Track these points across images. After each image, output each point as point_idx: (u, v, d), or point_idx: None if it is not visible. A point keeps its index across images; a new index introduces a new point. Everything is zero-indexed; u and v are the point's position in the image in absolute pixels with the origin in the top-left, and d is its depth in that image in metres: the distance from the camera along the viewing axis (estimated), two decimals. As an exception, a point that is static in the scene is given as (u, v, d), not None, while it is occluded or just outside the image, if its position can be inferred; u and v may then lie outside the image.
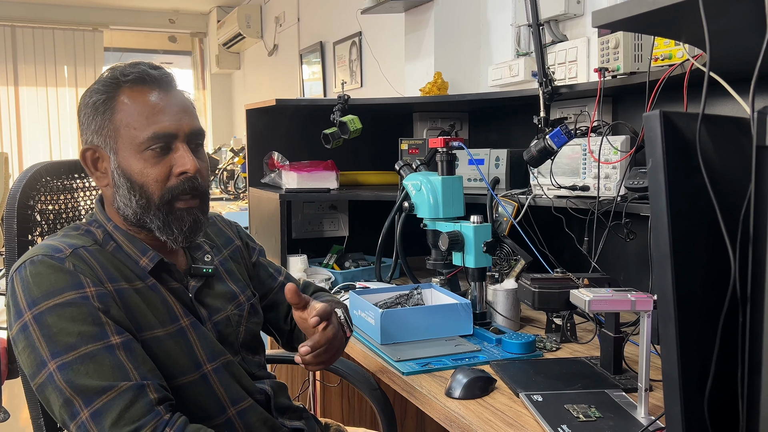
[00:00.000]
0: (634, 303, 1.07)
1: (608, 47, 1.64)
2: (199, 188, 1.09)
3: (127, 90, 1.06)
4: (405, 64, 3.09)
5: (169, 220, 1.07)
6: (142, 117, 1.05)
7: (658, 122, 0.60)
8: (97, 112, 1.06)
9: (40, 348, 0.94)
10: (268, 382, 1.19)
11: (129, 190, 1.06)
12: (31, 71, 7.27)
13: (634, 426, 1.03)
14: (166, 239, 1.09)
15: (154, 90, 1.07)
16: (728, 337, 0.61)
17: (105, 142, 1.07)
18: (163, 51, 8.10)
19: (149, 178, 1.05)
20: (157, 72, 1.09)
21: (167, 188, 1.06)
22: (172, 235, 1.08)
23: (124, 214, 1.08)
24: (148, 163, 1.05)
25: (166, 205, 1.07)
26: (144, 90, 1.06)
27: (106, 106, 1.06)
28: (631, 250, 1.81)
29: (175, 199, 1.07)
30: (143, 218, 1.07)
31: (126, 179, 1.06)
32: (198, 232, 1.12)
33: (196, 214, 1.10)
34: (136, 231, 1.11)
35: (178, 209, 1.08)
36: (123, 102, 1.05)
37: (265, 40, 6.03)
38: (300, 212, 2.43)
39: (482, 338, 1.51)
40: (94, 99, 1.07)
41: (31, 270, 0.98)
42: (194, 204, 1.10)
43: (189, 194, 1.08)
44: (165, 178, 1.06)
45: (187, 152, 1.07)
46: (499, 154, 2.04)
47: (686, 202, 0.60)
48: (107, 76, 1.08)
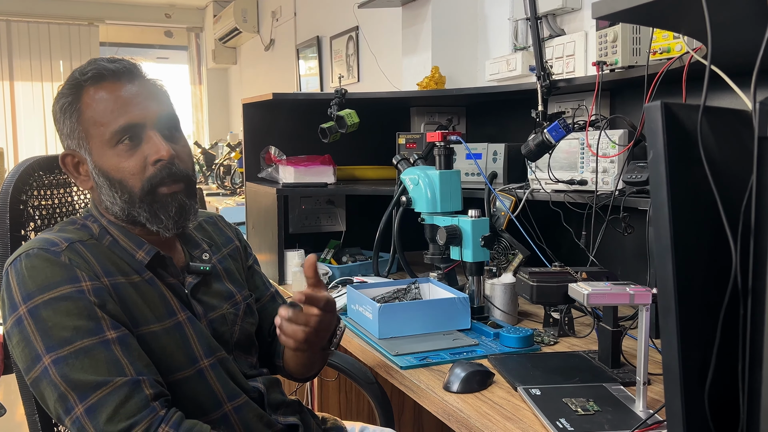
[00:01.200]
0: (633, 296, 1.07)
1: (606, 41, 1.63)
2: (178, 173, 1.07)
3: (89, 88, 1.05)
4: (402, 59, 3.08)
5: (155, 208, 1.06)
6: (107, 112, 1.03)
7: (660, 113, 0.59)
8: (65, 116, 1.06)
9: (35, 342, 0.93)
10: (261, 379, 1.19)
11: (110, 188, 1.05)
12: (26, 66, 7.23)
13: (633, 419, 1.03)
14: (157, 228, 1.07)
15: (115, 83, 1.05)
16: (729, 330, 0.61)
17: (79, 144, 1.06)
18: (159, 46, 8.07)
19: (126, 172, 1.04)
20: (115, 65, 1.07)
21: (146, 178, 1.05)
22: (162, 223, 1.07)
23: (113, 212, 1.08)
24: (121, 157, 1.04)
25: (149, 195, 1.05)
26: (105, 85, 1.05)
27: (72, 109, 1.05)
28: (628, 244, 1.81)
29: (156, 186, 1.06)
30: (131, 212, 1.06)
31: (105, 178, 1.05)
32: (186, 216, 1.10)
33: (180, 198, 1.08)
34: (130, 226, 1.10)
35: (162, 195, 1.06)
36: (87, 101, 1.05)
37: (261, 35, 6.01)
38: (297, 207, 2.42)
39: (480, 332, 1.51)
40: (62, 103, 1.06)
41: (27, 263, 0.97)
42: (178, 188, 1.08)
43: (170, 179, 1.06)
44: (142, 169, 1.05)
45: (158, 139, 1.05)
46: (496, 149, 2.04)
47: (687, 193, 0.60)
48: (69, 78, 1.07)
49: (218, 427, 0.99)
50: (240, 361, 1.18)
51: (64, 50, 7.34)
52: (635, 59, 1.60)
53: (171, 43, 8.09)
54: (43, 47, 7.27)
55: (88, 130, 1.05)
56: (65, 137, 1.08)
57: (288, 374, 1.31)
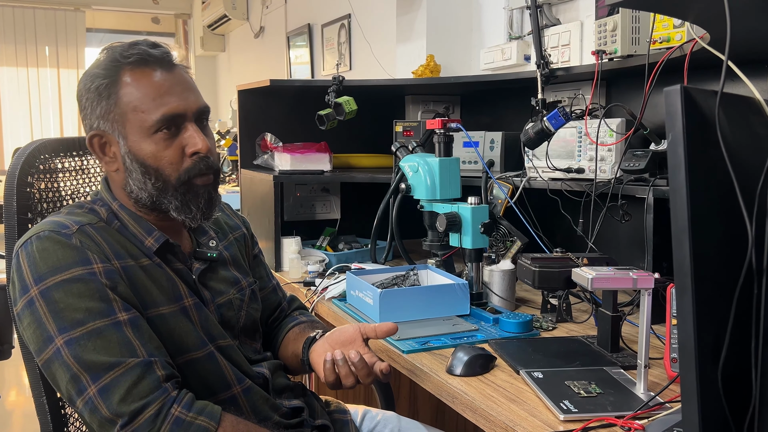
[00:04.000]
0: (636, 281, 1.08)
1: (606, 30, 1.64)
2: (212, 166, 1.10)
3: (129, 72, 1.04)
4: (396, 47, 3.08)
5: (187, 199, 1.08)
6: (149, 99, 1.03)
7: (679, 97, 0.60)
8: (101, 97, 1.04)
9: (47, 323, 0.93)
10: (266, 364, 1.20)
11: (143, 174, 1.05)
12: (11, 51, 7.14)
13: (634, 401, 1.05)
14: (184, 218, 1.09)
15: (156, 70, 1.05)
16: (743, 309, 0.62)
17: (112, 127, 1.05)
18: (146, 32, 7.99)
19: (164, 161, 1.05)
20: (158, 51, 1.07)
21: (183, 169, 1.06)
22: (190, 214, 1.09)
23: (138, 197, 1.08)
24: (159, 145, 1.04)
25: (184, 185, 1.07)
26: (147, 71, 1.04)
27: (110, 90, 1.04)
28: (623, 232, 1.84)
29: (191, 179, 1.07)
30: (159, 200, 1.07)
31: (139, 164, 1.05)
32: (213, 208, 1.12)
33: (210, 190, 1.11)
34: (145, 212, 1.10)
35: (196, 186, 1.08)
36: (127, 85, 1.04)
37: (251, 22, 5.97)
38: (292, 195, 2.42)
39: (479, 318, 1.53)
40: (96, 84, 1.05)
41: (38, 245, 0.97)
42: (209, 181, 1.10)
43: (205, 172, 1.08)
44: (179, 160, 1.06)
45: (197, 131, 1.07)
46: (493, 137, 2.05)
47: (704, 175, 0.61)
48: (106, 59, 1.05)
49: (228, 408, 1.00)
50: (245, 346, 1.20)
51: (49, 36, 7.26)
52: (634, 48, 1.62)
53: (158, 29, 8.02)
54: (28, 32, 7.18)
55: (125, 114, 1.04)
56: (96, 118, 1.06)
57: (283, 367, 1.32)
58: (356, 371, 1.13)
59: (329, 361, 1.13)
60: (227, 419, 0.96)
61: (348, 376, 1.13)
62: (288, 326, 1.34)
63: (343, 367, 1.13)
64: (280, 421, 1.14)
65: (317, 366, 1.19)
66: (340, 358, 1.13)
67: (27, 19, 7.15)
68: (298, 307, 1.44)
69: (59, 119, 7.55)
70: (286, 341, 1.32)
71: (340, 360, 1.13)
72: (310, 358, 1.22)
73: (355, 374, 1.13)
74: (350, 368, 1.13)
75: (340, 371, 1.13)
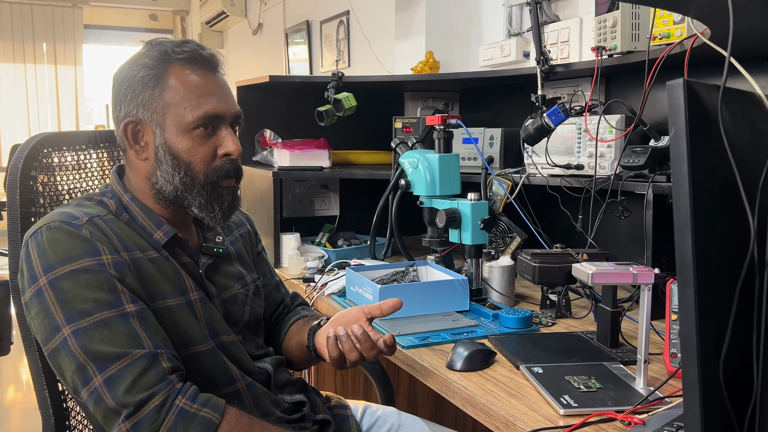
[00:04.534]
0: (636, 276, 1.09)
1: (606, 26, 1.65)
2: (239, 169, 1.13)
3: (178, 67, 1.07)
4: (395, 43, 3.08)
5: (212, 198, 1.10)
6: (194, 96, 1.06)
7: (682, 91, 0.61)
8: (146, 87, 1.07)
9: (55, 313, 0.94)
10: (268, 359, 1.20)
11: (174, 167, 1.07)
12: (8, 48, 7.12)
13: (634, 395, 1.06)
14: (206, 216, 1.11)
15: (204, 70, 1.09)
16: (744, 302, 0.63)
17: (151, 117, 1.07)
18: (143, 29, 7.97)
19: (197, 157, 1.08)
20: (207, 53, 1.11)
21: (212, 168, 1.09)
22: (212, 213, 1.11)
23: (162, 189, 1.09)
24: (195, 142, 1.07)
25: (210, 185, 1.10)
26: (195, 70, 1.08)
27: (156, 82, 1.06)
28: (622, 228, 1.84)
29: (219, 179, 1.10)
30: (184, 194, 1.09)
31: (172, 156, 1.07)
32: (235, 210, 1.15)
33: (234, 193, 1.14)
34: (163, 205, 1.12)
35: (221, 188, 1.11)
36: (174, 79, 1.07)
37: (249, 19, 5.96)
38: (291, 191, 2.42)
39: (479, 314, 1.53)
40: (143, 73, 1.07)
41: (48, 235, 0.98)
42: (233, 184, 1.13)
43: (231, 174, 1.11)
44: (211, 158, 1.09)
45: (231, 135, 1.10)
46: (493, 133, 2.05)
47: (707, 169, 0.62)
48: (156, 51, 1.08)
49: (232, 402, 1.00)
50: (248, 342, 1.20)
51: (47, 32, 7.24)
52: (634, 45, 1.62)
53: (156, 26, 8.00)
54: (26, 29, 7.16)
55: (167, 107, 1.06)
56: (136, 106, 1.08)
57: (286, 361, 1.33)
58: (360, 345, 1.12)
59: (332, 337, 1.14)
60: (231, 412, 0.96)
61: (352, 350, 1.13)
62: (291, 320, 1.34)
63: (347, 342, 1.12)
64: (282, 416, 1.14)
65: (322, 348, 1.19)
66: (342, 333, 1.13)
67: (24, 15, 7.13)
68: (301, 303, 1.44)
69: (57, 116, 7.54)
70: (290, 334, 1.32)
71: (343, 335, 1.13)
72: (315, 342, 1.23)
73: (358, 349, 1.13)
74: (354, 343, 1.12)
75: (344, 346, 1.13)
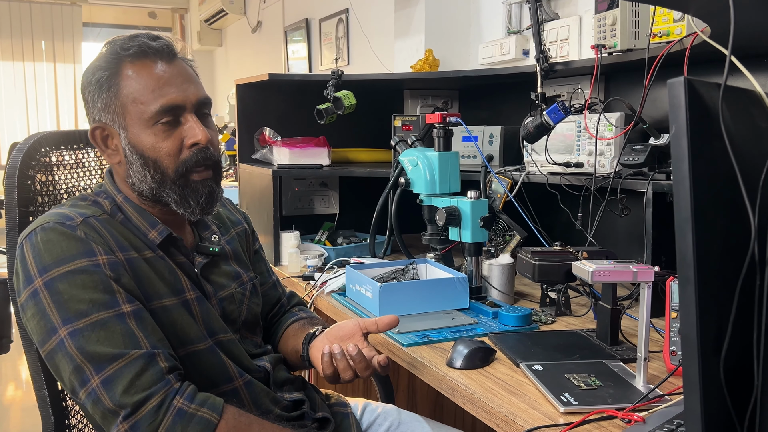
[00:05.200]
0: (636, 274, 1.09)
1: (605, 24, 1.64)
2: (211, 158, 1.09)
3: (129, 64, 1.05)
4: (395, 41, 3.07)
5: (186, 193, 1.08)
6: (148, 90, 1.04)
7: (683, 89, 0.61)
8: (102, 90, 1.05)
9: (51, 314, 0.93)
10: (267, 358, 1.20)
11: (143, 166, 1.05)
12: (7, 46, 7.11)
13: (634, 393, 1.06)
14: (183, 212, 1.09)
15: (156, 62, 1.06)
16: (745, 300, 0.63)
17: (113, 119, 1.06)
18: (142, 27, 7.96)
19: (162, 153, 1.05)
20: (158, 43, 1.07)
21: (181, 161, 1.06)
22: (189, 208, 1.09)
23: (139, 190, 1.08)
24: (158, 137, 1.05)
25: (182, 179, 1.07)
26: (146, 63, 1.05)
27: (110, 83, 1.05)
28: (621, 226, 1.84)
29: (189, 171, 1.07)
30: (159, 192, 1.07)
31: (138, 155, 1.05)
32: (214, 203, 1.12)
33: (210, 185, 1.10)
34: (149, 205, 1.10)
35: (194, 181, 1.08)
36: (127, 77, 1.04)
37: (248, 17, 5.95)
38: (290, 189, 2.42)
39: (479, 312, 1.53)
40: (98, 76, 1.05)
41: (43, 237, 0.97)
42: (208, 175, 1.10)
43: (203, 165, 1.08)
44: (177, 151, 1.06)
45: (196, 123, 1.07)
46: (492, 131, 2.05)
47: (707, 166, 0.62)
48: (107, 52, 1.06)
49: (230, 401, 1.00)
50: (246, 340, 1.20)
51: (46, 30, 7.23)
52: (634, 43, 1.62)
53: (155, 24, 8.00)
54: (25, 27, 7.15)
55: (125, 106, 1.04)
56: (97, 110, 1.07)
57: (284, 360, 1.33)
58: (354, 365, 1.13)
59: (327, 354, 1.14)
60: (229, 411, 0.96)
61: (346, 369, 1.13)
62: (287, 322, 1.34)
63: (341, 360, 1.13)
64: (281, 414, 1.14)
65: (316, 361, 1.19)
66: (338, 351, 1.13)
67: (23, 14, 7.12)
68: (297, 303, 1.44)
69: (56, 114, 7.53)
70: (285, 337, 1.32)
71: (338, 354, 1.13)
72: (309, 353, 1.23)
73: (353, 368, 1.13)
74: (348, 362, 1.13)
75: (338, 365, 1.13)
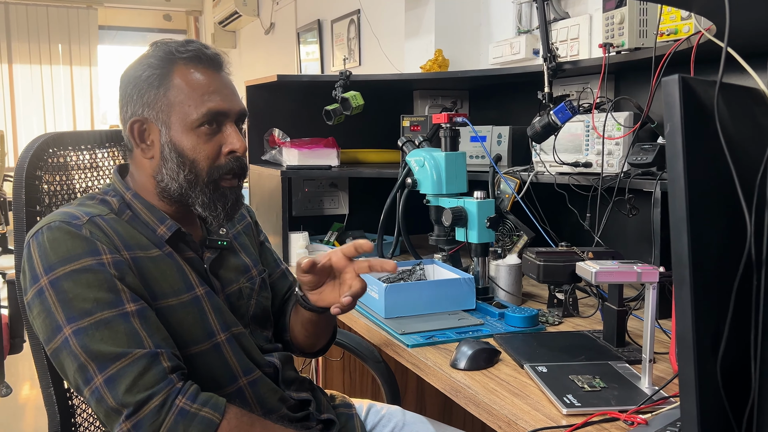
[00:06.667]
0: (640, 274, 1.08)
1: (613, 22, 1.63)
2: (243, 167, 1.13)
3: (182, 67, 1.08)
4: (405, 42, 3.07)
5: (215, 197, 1.11)
6: (198, 94, 1.07)
7: (677, 87, 0.60)
8: (152, 86, 1.08)
9: (56, 313, 0.94)
10: (277, 354, 1.21)
11: (179, 164, 1.08)
12: (25, 49, 7.20)
13: (639, 395, 1.05)
14: (209, 215, 1.12)
15: (208, 69, 1.10)
16: (742, 300, 0.62)
17: (157, 116, 1.08)
18: (157, 29, 8.03)
19: (201, 155, 1.08)
20: (211, 52, 1.12)
21: (215, 166, 1.10)
22: (215, 212, 1.11)
23: (167, 187, 1.10)
24: (200, 139, 1.08)
25: (213, 183, 1.10)
26: (199, 68, 1.09)
27: (161, 81, 1.08)
28: (631, 226, 1.83)
29: (221, 177, 1.11)
30: (188, 192, 1.10)
31: (177, 154, 1.08)
32: (238, 209, 1.15)
33: (237, 193, 1.14)
34: (167, 202, 1.12)
35: (223, 188, 1.11)
36: (180, 77, 1.08)
37: (261, 19, 5.98)
38: (300, 190, 2.43)
39: (485, 312, 1.52)
40: (148, 73, 1.08)
41: (48, 236, 0.98)
42: (235, 183, 1.13)
43: (233, 173, 1.12)
44: (215, 156, 1.10)
45: (236, 132, 1.11)
46: (501, 131, 2.04)
47: (703, 166, 0.61)
48: (160, 50, 1.10)
49: (233, 400, 1.00)
50: (256, 334, 1.21)
51: (62, 33, 7.31)
52: (642, 41, 1.60)
53: (170, 26, 8.06)
54: (42, 30, 7.24)
55: (172, 105, 1.07)
56: (142, 105, 1.09)
57: (297, 348, 1.33)
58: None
59: None
60: (231, 411, 0.97)
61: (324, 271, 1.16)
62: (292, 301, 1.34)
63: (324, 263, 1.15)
64: (286, 414, 1.15)
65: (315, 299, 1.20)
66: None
67: (40, 17, 7.21)
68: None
69: (72, 116, 7.61)
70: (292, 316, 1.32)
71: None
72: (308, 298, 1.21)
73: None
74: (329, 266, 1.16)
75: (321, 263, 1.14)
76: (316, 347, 1.34)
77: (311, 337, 1.29)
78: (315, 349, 1.35)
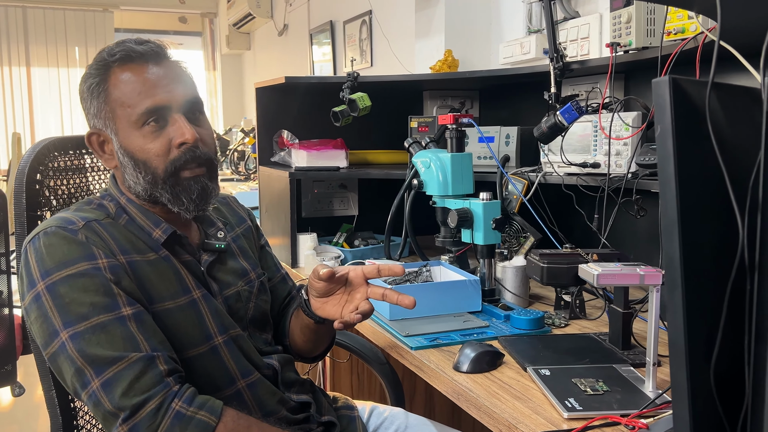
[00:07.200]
0: (643, 277, 1.07)
1: (620, 22, 1.61)
2: (202, 156, 1.10)
3: (116, 69, 1.07)
4: (415, 42, 3.07)
5: (177, 191, 1.08)
6: (135, 93, 1.05)
7: (668, 88, 0.59)
8: (93, 96, 1.08)
9: (53, 318, 0.95)
10: (276, 356, 1.21)
11: (134, 168, 1.08)
12: (42, 52, 7.30)
13: (642, 399, 1.04)
14: (178, 210, 1.10)
15: (142, 65, 1.07)
16: (735, 305, 0.61)
17: (105, 124, 1.09)
18: (173, 32, 8.10)
19: (150, 154, 1.07)
20: (143, 47, 1.08)
21: (170, 161, 1.07)
22: (183, 205, 1.09)
23: (135, 192, 1.10)
24: (147, 138, 1.06)
25: (172, 177, 1.08)
26: (132, 67, 1.07)
27: (100, 89, 1.07)
28: (641, 227, 1.81)
29: (179, 169, 1.08)
30: (153, 193, 1.09)
31: (129, 158, 1.07)
32: (208, 199, 1.12)
33: (203, 181, 1.11)
34: (150, 205, 1.12)
35: (185, 179, 1.09)
36: (114, 82, 1.07)
37: (275, 20, 6.00)
38: (309, 191, 2.43)
39: (491, 314, 1.51)
40: (89, 83, 1.08)
41: (45, 241, 0.99)
42: (200, 172, 1.10)
43: (193, 163, 1.09)
44: (166, 151, 1.07)
45: (183, 122, 1.07)
46: (509, 132, 2.03)
47: (695, 168, 0.60)
48: (97, 59, 1.09)
49: (231, 403, 1.01)
50: (255, 337, 1.20)
51: (79, 36, 7.40)
52: (649, 40, 1.59)
53: (185, 29, 8.12)
54: (59, 33, 7.33)
55: (114, 111, 1.07)
56: (92, 117, 1.10)
57: (296, 353, 1.33)
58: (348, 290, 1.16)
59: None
60: (228, 414, 0.97)
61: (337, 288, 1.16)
62: (293, 307, 1.34)
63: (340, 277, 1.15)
64: (285, 416, 1.15)
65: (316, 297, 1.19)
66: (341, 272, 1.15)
67: (57, 21, 7.30)
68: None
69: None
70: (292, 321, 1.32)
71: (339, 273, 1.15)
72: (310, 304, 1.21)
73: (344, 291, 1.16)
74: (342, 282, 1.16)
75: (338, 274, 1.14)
76: (314, 353, 1.34)
77: (309, 343, 1.29)
78: (313, 355, 1.35)
